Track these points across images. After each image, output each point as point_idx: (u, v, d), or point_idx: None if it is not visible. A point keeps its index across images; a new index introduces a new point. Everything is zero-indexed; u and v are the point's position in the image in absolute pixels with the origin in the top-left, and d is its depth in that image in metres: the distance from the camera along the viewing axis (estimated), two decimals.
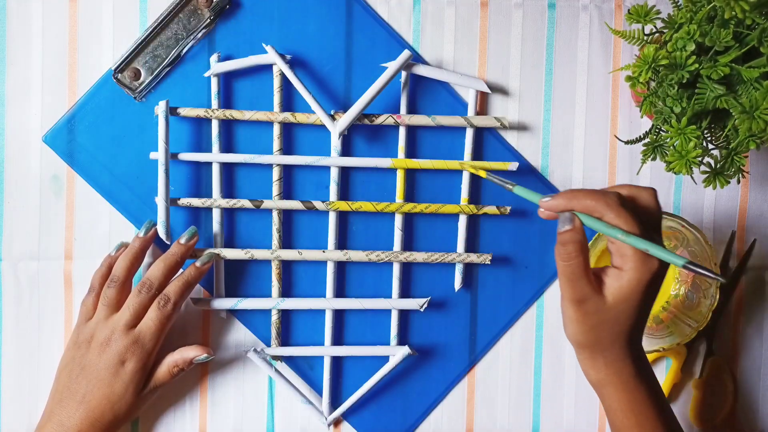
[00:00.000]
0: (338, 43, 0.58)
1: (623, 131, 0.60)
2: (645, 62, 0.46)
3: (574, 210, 0.45)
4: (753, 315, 0.63)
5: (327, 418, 0.59)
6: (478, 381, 0.61)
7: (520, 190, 0.48)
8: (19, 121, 0.57)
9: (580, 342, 0.46)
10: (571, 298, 0.45)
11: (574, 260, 0.44)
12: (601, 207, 0.44)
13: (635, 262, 0.43)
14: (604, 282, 0.45)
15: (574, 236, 0.44)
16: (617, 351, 0.46)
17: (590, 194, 0.44)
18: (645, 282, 0.44)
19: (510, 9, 0.59)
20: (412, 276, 0.60)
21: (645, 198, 0.46)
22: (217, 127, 0.57)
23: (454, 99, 0.59)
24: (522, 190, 0.48)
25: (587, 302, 0.44)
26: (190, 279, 0.55)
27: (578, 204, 0.44)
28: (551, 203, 0.45)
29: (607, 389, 0.47)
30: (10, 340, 0.58)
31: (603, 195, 0.44)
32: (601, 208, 0.43)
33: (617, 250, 0.44)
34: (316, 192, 0.59)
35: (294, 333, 0.60)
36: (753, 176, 0.62)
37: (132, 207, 0.58)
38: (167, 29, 0.57)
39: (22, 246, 0.58)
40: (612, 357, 0.46)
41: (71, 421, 0.52)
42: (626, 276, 0.44)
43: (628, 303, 0.44)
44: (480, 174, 0.54)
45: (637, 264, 0.43)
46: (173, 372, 0.55)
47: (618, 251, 0.44)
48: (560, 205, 0.45)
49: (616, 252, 0.45)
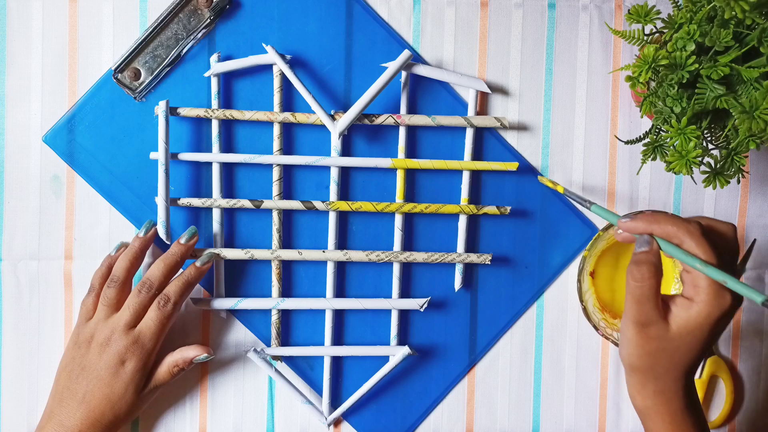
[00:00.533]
0: (338, 43, 0.58)
1: (623, 131, 0.60)
2: (645, 62, 0.46)
3: (653, 233, 0.44)
4: (753, 315, 0.63)
5: (327, 418, 0.59)
6: (478, 381, 0.61)
7: (597, 209, 0.48)
8: (19, 121, 0.57)
9: (634, 365, 0.45)
10: (636, 319, 0.44)
11: (647, 282, 0.43)
12: (681, 234, 0.43)
13: (708, 295, 0.42)
14: (671, 310, 0.44)
15: (649, 258, 0.43)
16: (670, 381, 0.45)
17: (672, 220, 0.44)
18: (714, 317, 0.42)
19: (510, 9, 0.59)
20: (412, 276, 0.60)
21: (724, 231, 0.45)
22: (217, 127, 0.57)
23: (454, 99, 0.59)
24: (600, 209, 0.48)
25: (651, 327, 0.43)
26: (190, 279, 0.55)
27: (658, 228, 0.44)
28: (630, 225, 0.45)
29: (653, 418, 0.45)
30: (10, 340, 0.58)
31: (684, 222, 0.43)
32: (682, 234, 0.43)
33: (691, 281, 0.43)
34: (316, 192, 0.59)
35: (294, 333, 0.60)
36: (753, 176, 0.62)
37: (132, 207, 0.58)
38: (167, 29, 0.57)
39: (22, 246, 0.58)
40: (663, 386, 0.45)
41: (71, 421, 0.52)
42: (696, 308, 0.43)
43: (693, 335, 0.43)
44: (558, 189, 0.54)
45: (709, 297, 0.42)
46: (173, 372, 0.55)
47: (692, 282, 0.43)
48: (639, 228, 0.44)
49: (689, 282, 0.43)
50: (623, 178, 0.61)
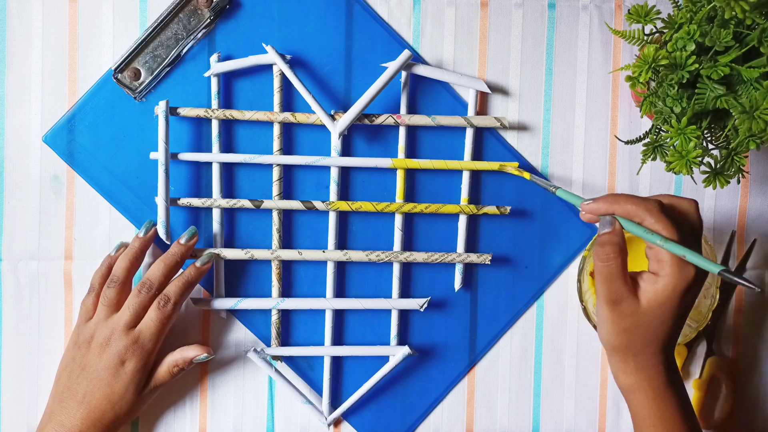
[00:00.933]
0: (338, 43, 0.58)
1: (623, 131, 0.60)
2: (645, 62, 0.46)
3: (614, 214, 0.46)
4: (753, 315, 0.63)
5: (327, 418, 0.59)
6: (478, 381, 0.61)
7: (562, 193, 0.50)
8: (19, 121, 0.57)
9: (613, 344, 0.46)
10: (607, 298, 0.45)
11: (612, 261, 0.45)
12: (641, 212, 0.44)
13: (672, 268, 0.44)
14: (640, 286, 0.45)
15: (612, 238, 0.45)
16: (649, 357, 0.46)
17: (631, 199, 0.45)
18: (681, 289, 0.44)
19: (510, 9, 0.59)
20: (412, 276, 0.60)
21: (685, 208, 0.46)
22: (217, 127, 0.57)
23: (454, 99, 0.59)
24: (564, 193, 0.50)
25: (622, 303, 0.45)
26: (190, 279, 0.55)
27: (619, 208, 0.45)
28: (592, 206, 0.46)
29: (637, 395, 0.47)
30: (10, 340, 0.58)
31: (644, 201, 0.45)
32: (642, 213, 0.44)
33: (654, 256, 0.45)
34: (316, 192, 0.59)
35: (294, 333, 0.60)
36: (753, 176, 0.62)
37: (132, 207, 0.58)
38: (167, 29, 0.57)
39: (22, 246, 0.58)
40: (643, 362, 0.46)
41: (72, 421, 0.52)
42: (662, 281, 0.44)
43: (663, 308, 0.44)
44: (524, 176, 0.55)
45: (673, 270, 0.44)
46: (173, 372, 0.55)
47: (655, 257, 0.45)
48: (601, 209, 0.46)
49: (653, 258, 0.45)
50: (623, 178, 0.60)
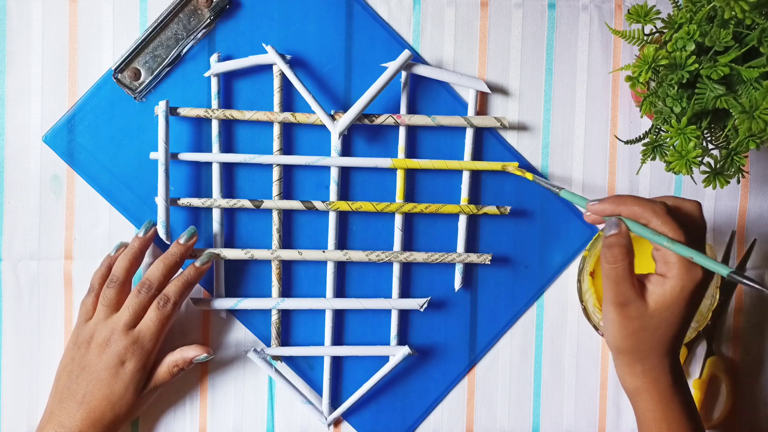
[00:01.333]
0: (338, 43, 0.58)
1: (623, 131, 0.60)
2: (645, 62, 0.46)
3: (620, 215, 0.45)
4: (753, 315, 0.63)
5: (327, 418, 0.59)
6: (478, 381, 0.61)
7: (566, 194, 0.49)
8: (19, 121, 0.57)
9: (620, 347, 0.46)
10: (614, 300, 0.45)
11: (620, 263, 0.44)
12: (648, 214, 0.44)
13: (680, 270, 0.43)
14: (647, 288, 0.45)
15: (620, 240, 0.44)
16: (656, 359, 0.46)
17: (638, 201, 0.45)
18: (688, 290, 0.44)
19: (510, 9, 0.59)
20: (412, 276, 0.60)
21: (690, 209, 0.46)
22: (217, 127, 0.57)
23: (454, 99, 0.59)
24: (568, 194, 0.49)
25: (630, 306, 0.44)
26: (189, 279, 0.55)
27: (625, 209, 0.45)
28: (598, 207, 0.46)
29: (643, 397, 0.46)
30: (10, 340, 0.58)
31: (650, 202, 0.44)
32: (648, 214, 0.44)
33: (662, 258, 0.44)
34: (316, 192, 0.59)
35: (294, 333, 0.60)
36: (753, 176, 0.62)
37: (132, 207, 0.58)
38: (167, 29, 0.57)
39: (22, 246, 0.58)
40: (650, 365, 0.46)
41: (72, 421, 0.52)
42: (670, 283, 0.44)
43: (670, 311, 0.44)
44: (527, 176, 0.55)
45: (681, 272, 0.43)
46: (173, 372, 0.55)
47: (662, 258, 0.44)
48: (607, 210, 0.46)
49: (660, 259, 0.45)
50: (623, 178, 0.60)
